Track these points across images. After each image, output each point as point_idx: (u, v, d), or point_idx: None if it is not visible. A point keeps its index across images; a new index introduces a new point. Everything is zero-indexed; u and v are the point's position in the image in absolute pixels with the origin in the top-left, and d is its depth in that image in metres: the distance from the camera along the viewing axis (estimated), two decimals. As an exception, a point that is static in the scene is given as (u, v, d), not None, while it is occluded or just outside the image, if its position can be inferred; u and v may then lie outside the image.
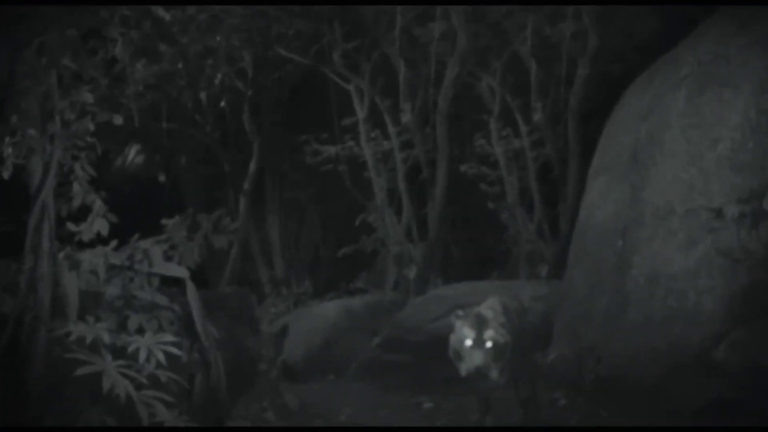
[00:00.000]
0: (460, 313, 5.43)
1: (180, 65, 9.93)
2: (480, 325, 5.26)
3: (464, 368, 5.25)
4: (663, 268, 6.08)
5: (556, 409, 6.14)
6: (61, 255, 4.92)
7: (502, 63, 9.47)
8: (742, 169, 5.98)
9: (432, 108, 9.58)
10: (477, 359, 5.19)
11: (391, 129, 10.02)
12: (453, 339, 5.36)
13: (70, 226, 5.25)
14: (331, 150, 10.64)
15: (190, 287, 5.56)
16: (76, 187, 5.18)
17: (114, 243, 5.37)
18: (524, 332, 5.66)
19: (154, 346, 4.71)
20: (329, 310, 8.84)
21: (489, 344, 5.22)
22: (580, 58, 8.82)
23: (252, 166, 11.08)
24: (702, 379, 5.61)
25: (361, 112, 10.12)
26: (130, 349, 4.69)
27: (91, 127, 4.95)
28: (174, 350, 4.79)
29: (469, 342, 5.23)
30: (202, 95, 10.99)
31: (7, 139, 4.85)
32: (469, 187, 10.09)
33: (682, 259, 6.02)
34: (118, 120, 5.18)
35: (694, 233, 6.01)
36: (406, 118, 9.69)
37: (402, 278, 9.70)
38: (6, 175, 4.98)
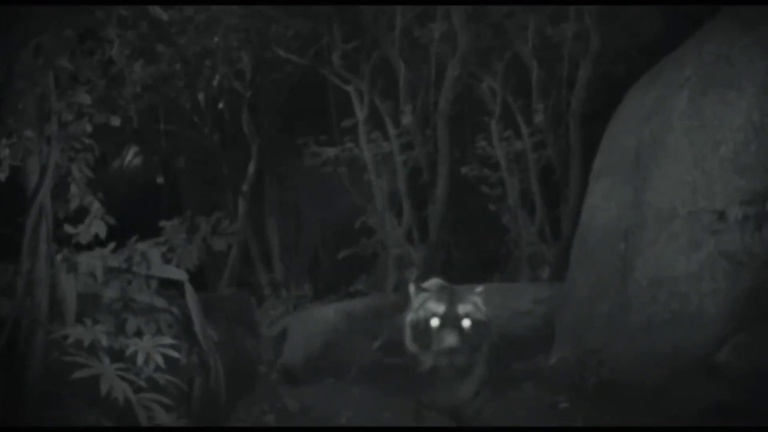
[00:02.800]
0: (421, 284, 4.37)
1: (178, 66, 9.90)
2: (452, 297, 4.13)
3: (429, 357, 4.05)
4: (666, 271, 6.06)
5: (558, 413, 6.12)
6: (58, 257, 4.89)
7: (503, 64, 9.44)
8: (746, 171, 5.97)
9: (432, 109, 9.55)
10: (449, 340, 3.98)
11: (392, 131, 9.98)
12: (412, 319, 4.19)
13: (68, 228, 5.21)
14: (330, 152, 10.59)
15: (189, 290, 5.53)
16: (73, 189, 5.13)
17: (112, 245, 5.34)
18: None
19: (152, 349, 4.69)
20: (329, 312, 8.79)
21: (466, 322, 4.04)
22: (582, 58, 8.79)
23: (251, 168, 11.03)
24: (705, 383, 5.59)
25: (360, 114, 10.08)
26: (129, 352, 4.67)
27: (89, 128, 4.92)
28: (173, 353, 4.77)
29: (435, 321, 4.06)
30: (201, 96, 10.93)
31: (3, 141, 4.81)
32: (470, 189, 10.04)
33: (685, 261, 6.00)
34: (116, 121, 5.15)
35: (697, 236, 5.99)
36: (406, 119, 9.65)
37: (403, 281, 9.66)
38: (2, 177, 4.94)
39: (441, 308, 4.10)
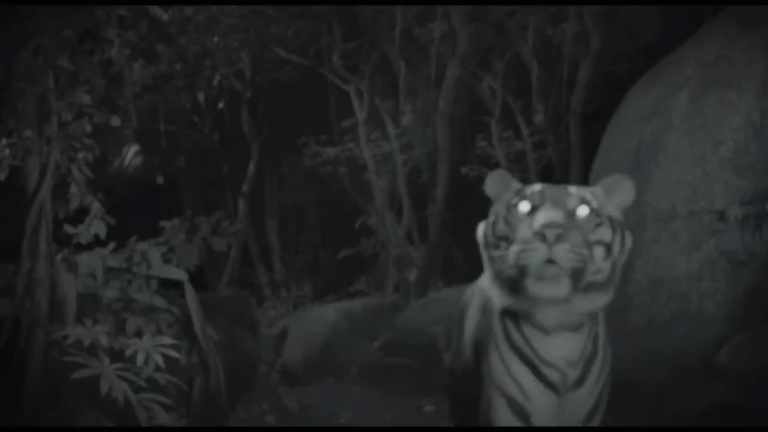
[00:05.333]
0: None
1: (178, 66, 9.91)
2: (555, 184, 2.98)
3: (508, 270, 2.75)
4: (666, 271, 6.04)
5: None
6: (58, 257, 4.88)
7: (503, 64, 9.44)
8: (745, 171, 5.95)
9: (432, 109, 9.55)
10: (546, 215, 2.74)
11: (391, 131, 9.99)
12: (488, 222, 2.96)
13: (68, 229, 5.20)
14: (330, 152, 10.62)
15: (189, 290, 5.53)
16: (73, 189, 5.12)
17: (112, 245, 5.33)
18: None
19: (152, 349, 4.67)
20: (329, 313, 8.81)
21: (583, 210, 2.82)
22: (582, 59, 8.79)
23: (251, 168, 11.06)
24: (705, 383, 5.57)
25: (360, 114, 10.09)
26: (129, 352, 4.65)
27: (89, 128, 4.91)
28: (173, 353, 4.75)
29: (526, 204, 2.85)
30: (201, 96, 10.98)
31: (3, 141, 4.81)
32: (470, 189, 10.04)
33: (685, 262, 5.98)
34: (116, 121, 5.15)
35: (697, 236, 5.98)
36: (406, 119, 9.67)
37: (402, 281, 9.67)
38: (2, 176, 4.93)
39: (536, 187, 2.92)
